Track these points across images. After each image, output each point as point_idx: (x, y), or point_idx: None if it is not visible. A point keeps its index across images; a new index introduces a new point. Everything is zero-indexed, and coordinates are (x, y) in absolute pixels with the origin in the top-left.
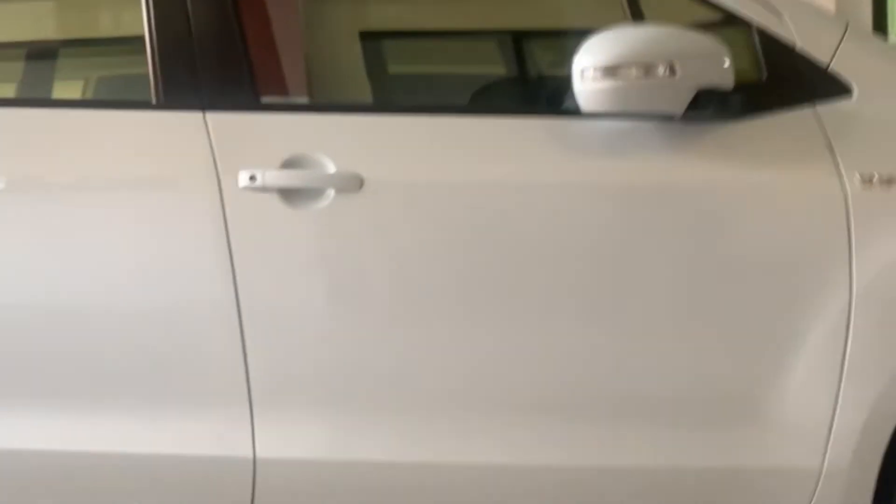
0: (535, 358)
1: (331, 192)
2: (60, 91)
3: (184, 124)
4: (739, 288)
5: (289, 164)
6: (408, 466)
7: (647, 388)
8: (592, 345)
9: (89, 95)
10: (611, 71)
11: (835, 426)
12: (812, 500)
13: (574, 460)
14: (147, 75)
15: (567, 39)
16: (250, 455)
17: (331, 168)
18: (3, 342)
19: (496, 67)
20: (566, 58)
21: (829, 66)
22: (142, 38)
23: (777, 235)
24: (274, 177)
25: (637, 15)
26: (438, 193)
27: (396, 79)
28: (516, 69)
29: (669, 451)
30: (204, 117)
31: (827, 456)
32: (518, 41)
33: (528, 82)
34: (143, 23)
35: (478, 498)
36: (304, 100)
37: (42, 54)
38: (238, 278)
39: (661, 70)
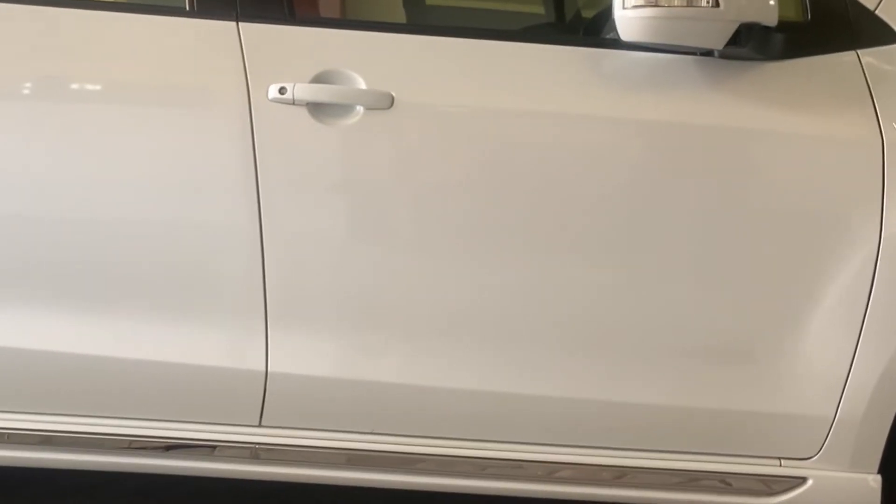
0: (551, 290)
1: (360, 109)
2: None
3: (216, 33)
4: (765, 232)
5: (320, 78)
6: (414, 389)
7: (663, 329)
8: (610, 281)
9: None
10: None
11: (851, 376)
12: (821, 448)
13: (582, 394)
14: None
15: None
16: (262, 368)
17: (361, 85)
18: (26, 246)
19: (535, 4)
20: None
21: (875, 10)
22: None
23: (809, 181)
24: (304, 90)
25: None
26: (468, 118)
27: (433, 9)
28: (555, 2)
29: (680, 390)
30: (237, 27)
31: (840, 406)
32: None
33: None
34: None
35: (481, 424)
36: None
37: None
38: (261, 191)
39: (704, 1)
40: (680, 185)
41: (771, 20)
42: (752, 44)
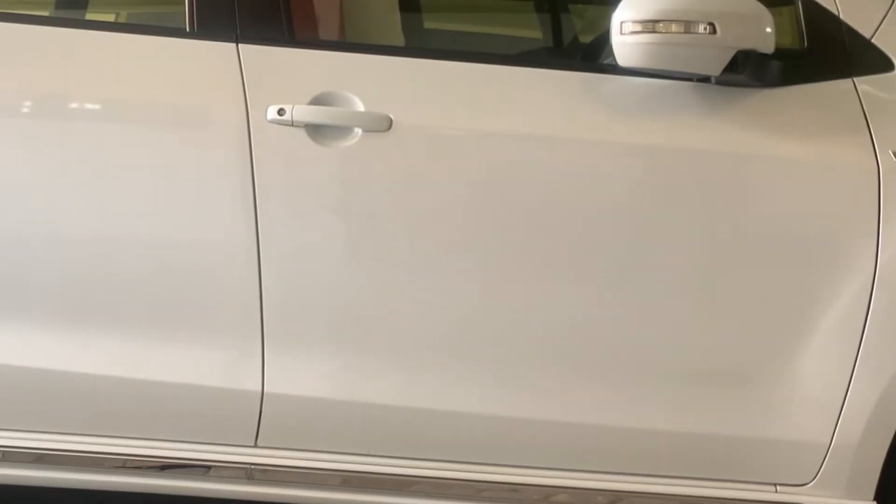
0: (549, 314)
1: (358, 131)
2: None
3: (216, 54)
4: (761, 257)
5: (318, 100)
6: (411, 412)
7: (659, 353)
8: (607, 305)
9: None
10: (650, 25)
11: (847, 402)
12: (817, 474)
13: (579, 418)
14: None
15: None
16: (259, 389)
17: (360, 107)
18: (22, 263)
19: (533, 30)
20: (604, 14)
21: (871, 38)
22: None
23: (805, 207)
24: (303, 112)
25: None
26: (466, 141)
27: (431, 33)
28: (552, 28)
29: (677, 415)
30: (237, 48)
31: (836, 432)
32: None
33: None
34: None
35: (478, 447)
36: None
37: None
38: (259, 212)
39: (701, 28)
40: (676, 210)
41: (768, 47)
42: (748, 70)
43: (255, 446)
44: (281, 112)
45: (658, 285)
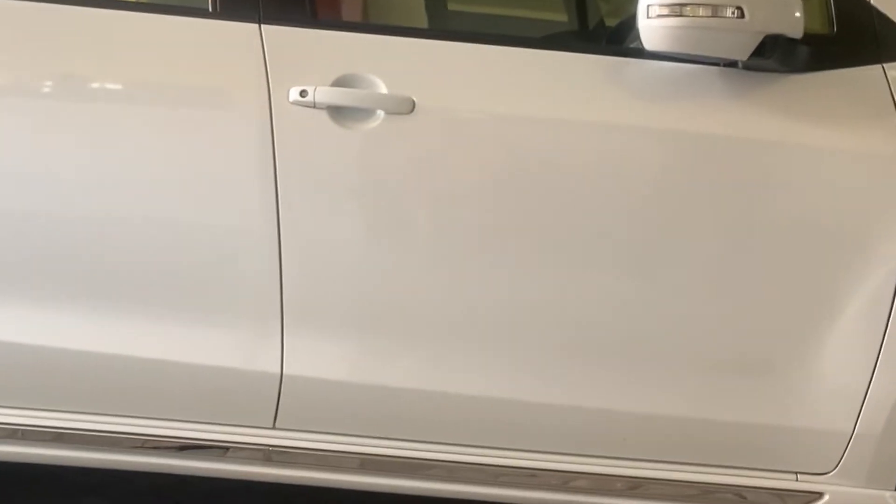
0: (569, 299)
1: (381, 114)
2: None
3: (239, 35)
4: (786, 245)
5: (341, 82)
6: (428, 395)
7: (681, 340)
8: (628, 291)
9: None
10: (678, 8)
11: (870, 392)
12: (839, 463)
13: (599, 403)
14: None
15: None
16: (278, 371)
17: (383, 89)
18: (45, 243)
19: (558, 12)
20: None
21: None
22: None
23: (831, 195)
24: (325, 94)
25: None
26: (489, 124)
27: (455, 15)
28: (578, 11)
29: (697, 402)
30: (259, 29)
31: (859, 421)
32: None
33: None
34: None
35: (496, 431)
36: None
37: None
38: (280, 193)
39: (729, 11)
40: (700, 195)
41: (796, 32)
42: (776, 55)
43: (274, 428)
44: (303, 94)
45: (681, 272)
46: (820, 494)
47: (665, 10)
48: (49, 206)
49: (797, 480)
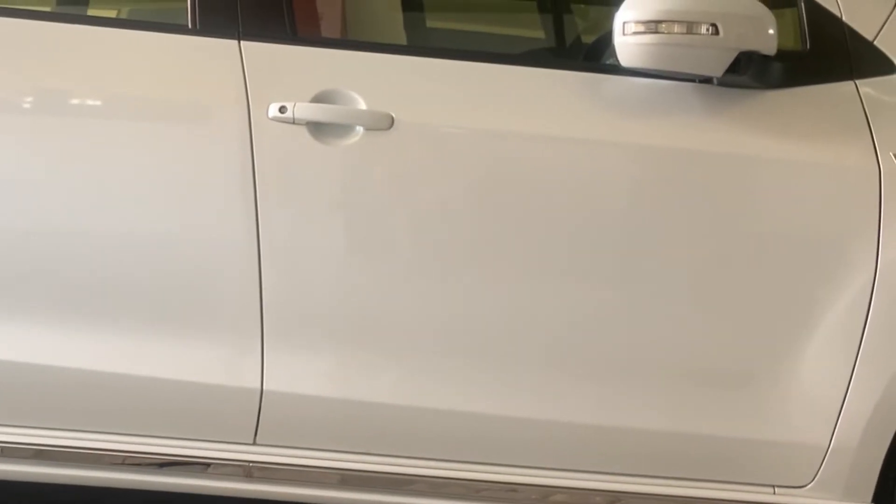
0: (548, 313)
1: (360, 129)
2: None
3: (218, 51)
4: (762, 259)
5: (320, 98)
6: (410, 410)
7: (659, 354)
8: (606, 306)
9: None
10: (653, 25)
11: (846, 404)
12: (816, 476)
13: (577, 418)
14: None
15: None
16: (258, 386)
17: (362, 105)
18: (21, 258)
19: (535, 29)
20: (606, 14)
21: (874, 41)
22: None
23: (806, 209)
24: (304, 109)
25: None
26: (468, 140)
27: (433, 32)
28: (555, 27)
29: (675, 416)
30: (239, 45)
31: (835, 434)
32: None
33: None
34: None
35: (476, 446)
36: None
37: None
38: (260, 209)
39: (704, 28)
40: (677, 210)
41: (770, 49)
42: (750, 72)
43: (254, 444)
44: (282, 110)
45: (657, 286)
46: None
47: (640, 28)
48: (28, 222)
49: (774, 494)
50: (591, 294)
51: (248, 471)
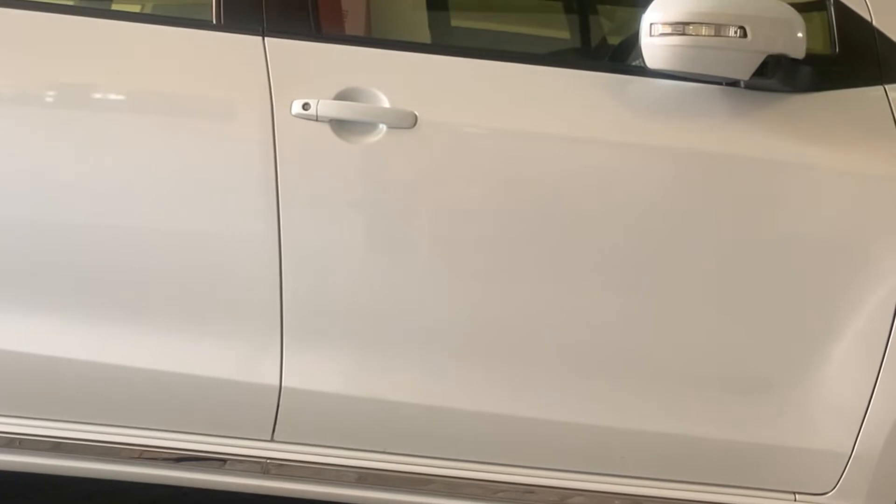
0: (570, 316)
1: (383, 128)
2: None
3: (242, 47)
4: (786, 263)
5: (343, 95)
6: (429, 410)
7: (681, 359)
8: (629, 309)
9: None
10: (680, 27)
11: (869, 412)
12: (837, 483)
13: (597, 421)
14: None
15: None
16: (276, 383)
17: (385, 103)
18: (45, 252)
19: (561, 30)
20: (633, 15)
21: None
22: None
23: (832, 215)
24: (327, 107)
25: None
26: (491, 140)
27: (458, 30)
28: (580, 28)
29: (696, 420)
30: (263, 42)
31: (858, 441)
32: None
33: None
34: None
35: (494, 447)
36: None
37: None
38: (282, 206)
39: (732, 31)
40: (701, 213)
41: (798, 52)
42: (778, 75)
43: (272, 441)
44: (306, 107)
45: (680, 290)
46: None
47: (668, 29)
48: (50, 215)
49: (795, 500)
50: (613, 297)
51: (265, 467)
